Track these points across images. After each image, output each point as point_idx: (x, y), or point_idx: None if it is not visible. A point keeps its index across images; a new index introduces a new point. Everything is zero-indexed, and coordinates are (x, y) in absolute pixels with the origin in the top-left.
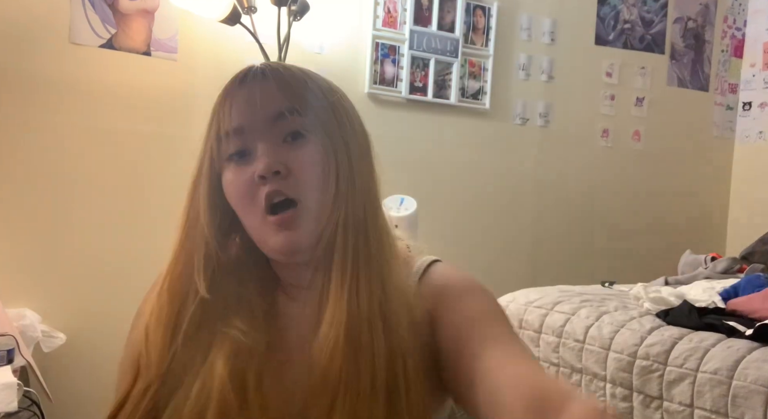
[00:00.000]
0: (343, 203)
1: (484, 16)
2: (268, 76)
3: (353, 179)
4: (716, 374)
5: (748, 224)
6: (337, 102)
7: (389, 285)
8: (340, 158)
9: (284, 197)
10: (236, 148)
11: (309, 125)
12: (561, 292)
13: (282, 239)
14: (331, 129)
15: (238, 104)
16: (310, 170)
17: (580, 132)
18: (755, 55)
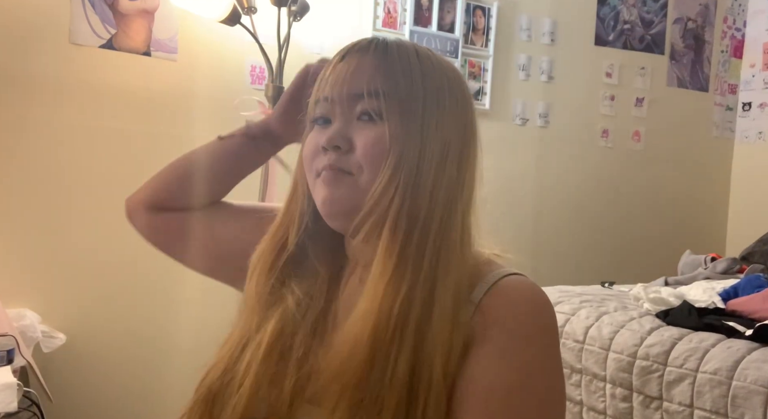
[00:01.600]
0: (400, 195)
1: (484, 16)
2: (370, 52)
3: (422, 175)
4: (716, 374)
5: (748, 224)
6: (439, 96)
7: (439, 297)
8: (408, 151)
9: (342, 170)
10: (321, 113)
11: (386, 110)
12: (561, 292)
13: (323, 194)
14: (412, 121)
15: (334, 74)
16: (369, 151)
17: (580, 132)
18: (755, 55)
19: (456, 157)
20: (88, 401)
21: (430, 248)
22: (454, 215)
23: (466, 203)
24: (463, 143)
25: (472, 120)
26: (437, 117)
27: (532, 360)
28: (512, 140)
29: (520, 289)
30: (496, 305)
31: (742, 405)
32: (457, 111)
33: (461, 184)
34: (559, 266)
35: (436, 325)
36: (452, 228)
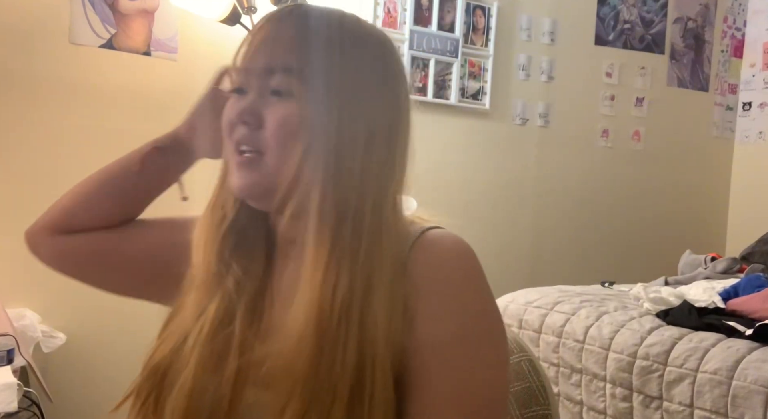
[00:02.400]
0: (319, 180)
1: (484, 16)
2: (289, 22)
3: (345, 158)
4: (716, 374)
5: (748, 224)
6: (362, 72)
7: (378, 280)
8: (323, 133)
9: (250, 148)
10: (237, 84)
11: (298, 88)
12: (561, 292)
13: (234, 179)
14: (327, 100)
15: (251, 46)
16: (277, 131)
17: (580, 132)
18: (755, 55)
19: (385, 137)
20: (88, 401)
21: (366, 235)
22: (388, 197)
23: (399, 182)
24: (393, 122)
25: (403, 96)
26: (359, 95)
27: (466, 307)
28: (512, 140)
29: (439, 241)
30: (421, 261)
31: (742, 404)
32: (385, 88)
33: (393, 164)
34: (559, 266)
35: (377, 306)
36: (386, 210)
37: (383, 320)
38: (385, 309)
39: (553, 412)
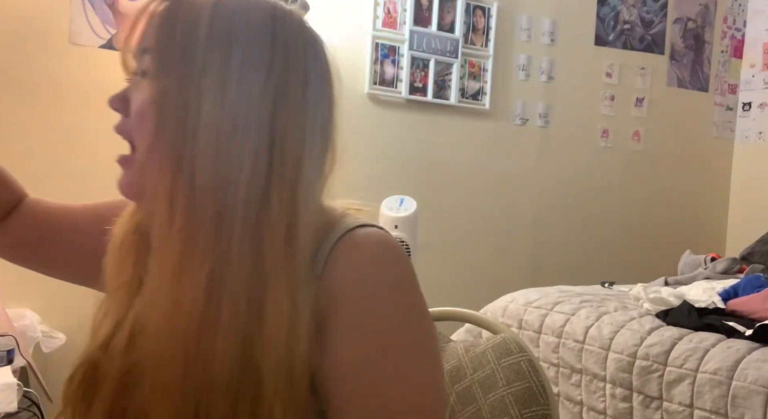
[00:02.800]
0: (170, 169)
1: (484, 16)
2: (157, 2)
3: (209, 147)
4: (716, 374)
5: (748, 224)
6: (231, 50)
7: (267, 289)
8: (175, 118)
9: (126, 138)
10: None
11: (155, 69)
12: (561, 292)
13: (119, 177)
14: (184, 82)
15: (134, 26)
16: (134, 118)
17: (580, 132)
18: (755, 55)
19: (265, 123)
20: None
21: (237, 236)
22: (281, 192)
23: (295, 175)
24: (275, 104)
25: (287, 73)
26: (224, 76)
27: (386, 322)
28: (512, 140)
29: (359, 245)
30: (338, 270)
31: (742, 405)
32: (261, 66)
33: (279, 155)
34: (559, 266)
35: (269, 320)
36: (275, 207)
37: (279, 336)
38: (282, 325)
39: (553, 412)
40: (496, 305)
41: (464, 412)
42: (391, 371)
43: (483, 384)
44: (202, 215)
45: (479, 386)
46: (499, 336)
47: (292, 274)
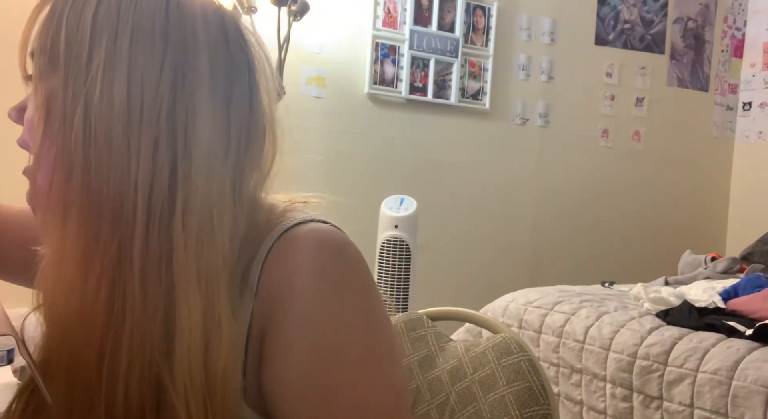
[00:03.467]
0: (60, 174)
1: (484, 16)
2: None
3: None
4: (716, 374)
5: (748, 224)
6: (118, 39)
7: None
8: (59, 122)
9: (25, 148)
10: None
11: (40, 73)
12: (561, 292)
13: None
14: (75, 84)
15: (27, 28)
16: (29, 126)
17: (580, 132)
18: (755, 55)
19: (164, 114)
20: None
21: (139, 244)
22: (178, 194)
23: (204, 171)
24: (173, 94)
25: (187, 58)
26: (112, 67)
27: (331, 329)
28: (512, 140)
29: (297, 247)
30: (275, 278)
31: (742, 404)
32: (154, 51)
33: (183, 149)
34: (559, 266)
35: (178, 337)
36: (177, 211)
37: (192, 353)
38: (195, 340)
39: (553, 412)
40: (496, 305)
41: (464, 412)
42: (340, 382)
43: (483, 383)
44: (100, 224)
45: (479, 385)
46: (499, 335)
47: (207, 283)
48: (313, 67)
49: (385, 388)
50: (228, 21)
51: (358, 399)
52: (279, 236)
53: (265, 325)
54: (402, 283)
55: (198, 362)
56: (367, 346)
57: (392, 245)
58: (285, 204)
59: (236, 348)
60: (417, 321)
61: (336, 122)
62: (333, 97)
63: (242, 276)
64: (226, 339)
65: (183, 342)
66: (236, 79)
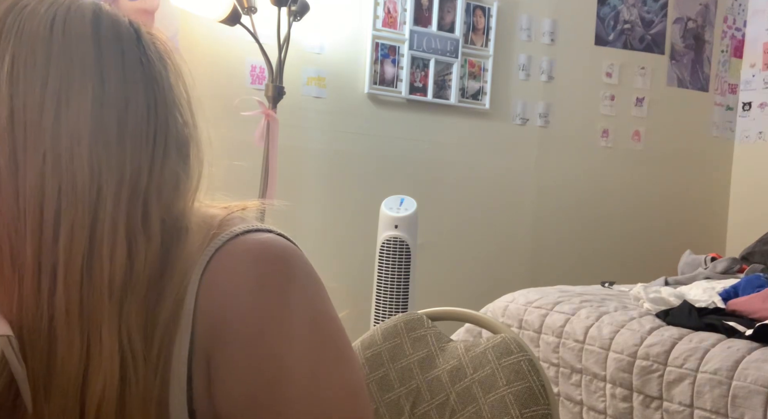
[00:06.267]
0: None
1: (484, 16)
2: None
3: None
4: (716, 374)
5: (748, 224)
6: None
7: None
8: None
9: None
10: None
11: None
12: (561, 292)
13: None
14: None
15: None
16: None
17: (580, 132)
18: (755, 55)
19: (49, 145)
20: None
21: (28, 276)
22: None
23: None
24: (57, 124)
25: (71, 70)
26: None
27: (276, 345)
28: (512, 140)
29: (234, 266)
30: (214, 298)
31: (742, 405)
32: (34, 76)
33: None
34: (559, 265)
35: (58, 377)
36: (62, 239)
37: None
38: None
39: (553, 412)
40: (496, 305)
41: (464, 412)
42: (290, 398)
43: (483, 383)
44: (2, 266)
45: (479, 386)
46: (499, 335)
47: (90, 322)
48: (313, 68)
49: (340, 393)
50: (125, 35)
51: (313, 410)
52: (213, 254)
53: (209, 347)
54: (402, 283)
55: (71, 399)
56: (313, 358)
57: (392, 245)
58: (222, 214)
59: (135, 380)
60: (417, 320)
61: (336, 122)
62: (333, 97)
63: (176, 300)
64: (105, 374)
65: (59, 383)
66: (132, 101)
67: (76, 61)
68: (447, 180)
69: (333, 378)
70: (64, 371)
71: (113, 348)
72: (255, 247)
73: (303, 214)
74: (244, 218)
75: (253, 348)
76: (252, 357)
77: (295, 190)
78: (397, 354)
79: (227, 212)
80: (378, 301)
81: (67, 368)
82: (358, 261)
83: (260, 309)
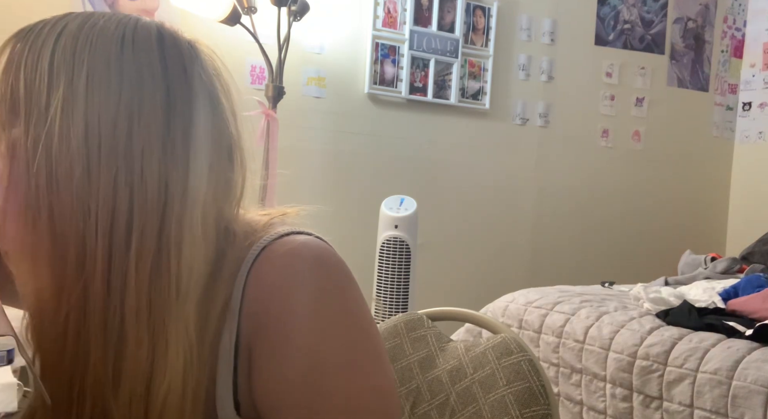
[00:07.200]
0: (35, 220)
1: (484, 16)
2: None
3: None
4: (716, 374)
5: (748, 224)
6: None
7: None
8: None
9: None
10: None
11: (8, 119)
12: (561, 292)
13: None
14: (36, 128)
15: None
16: None
17: (580, 132)
18: (755, 55)
19: (120, 151)
20: None
21: (97, 282)
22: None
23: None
24: (129, 127)
25: (142, 90)
26: (69, 107)
27: (313, 338)
28: (512, 140)
29: (274, 263)
30: (257, 295)
31: (742, 405)
32: (110, 87)
33: (140, 182)
34: (559, 265)
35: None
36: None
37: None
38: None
39: (553, 412)
40: (496, 305)
41: (464, 412)
42: (324, 391)
43: (483, 383)
44: (65, 267)
45: (479, 386)
46: (499, 335)
47: (156, 321)
48: (313, 68)
49: (371, 393)
50: (186, 51)
51: (343, 406)
52: (257, 255)
53: (251, 341)
54: (402, 283)
55: (138, 396)
56: (349, 354)
57: (392, 245)
58: (264, 220)
59: (192, 375)
60: (417, 321)
61: (336, 122)
62: (333, 97)
63: (225, 299)
64: (171, 372)
65: (127, 379)
66: (195, 115)
67: (146, 77)
68: (447, 180)
69: (367, 376)
70: (132, 368)
71: (178, 346)
72: (297, 246)
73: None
74: (285, 223)
75: (289, 341)
76: (288, 349)
77: (295, 190)
78: (397, 354)
79: (269, 217)
80: (378, 301)
81: (137, 366)
82: (358, 261)
83: (300, 304)
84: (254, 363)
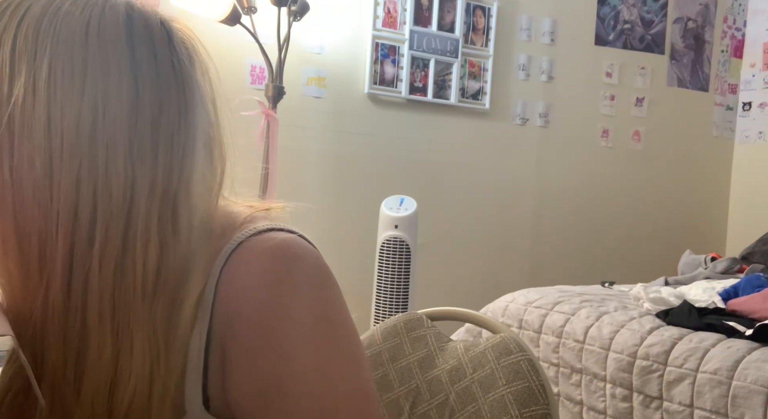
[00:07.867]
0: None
1: (484, 16)
2: None
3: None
4: (716, 374)
5: (748, 224)
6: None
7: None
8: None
9: None
10: None
11: None
12: (561, 292)
13: None
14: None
15: None
16: None
17: (580, 132)
18: (755, 55)
19: (86, 150)
20: None
21: (57, 278)
22: (97, 226)
23: (125, 199)
24: (93, 128)
25: (108, 75)
26: (30, 98)
27: (289, 345)
28: (512, 140)
29: (248, 260)
30: (230, 293)
31: (742, 405)
32: (74, 74)
33: (103, 177)
34: (558, 265)
35: (88, 377)
36: (96, 245)
37: (101, 389)
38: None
39: (552, 412)
40: (496, 305)
41: (464, 412)
42: (299, 393)
43: (483, 383)
44: (29, 263)
45: (479, 385)
46: (498, 335)
47: (121, 320)
48: (313, 68)
49: (345, 397)
50: (157, 36)
51: (320, 408)
52: (232, 250)
53: (225, 337)
54: (402, 283)
55: (102, 398)
56: (323, 356)
57: (392, 245)
58: (246, 212)
59: (159, 377)
60: (417, 321)
61: (336, 122)
62: (333, 97)
63: (197, 297)
64: (137, 374)
65: (90, 382)
66: (165, 105)
67: (112, 67)
68: (447, 180)
69: (341, 378)
70: (95, 372)
71: (144, 349)
72: (274, 244)
73: (303, 214)
74: (266, 218)
75: (262, 342)
76: (261, 351)
77: (295, 190)
78: (396, 353)
79: (251, 210)
80: (378, 301)
81: (99, 369)
82: (358, 261)
83: (272, 305)
84: (227, 365)
